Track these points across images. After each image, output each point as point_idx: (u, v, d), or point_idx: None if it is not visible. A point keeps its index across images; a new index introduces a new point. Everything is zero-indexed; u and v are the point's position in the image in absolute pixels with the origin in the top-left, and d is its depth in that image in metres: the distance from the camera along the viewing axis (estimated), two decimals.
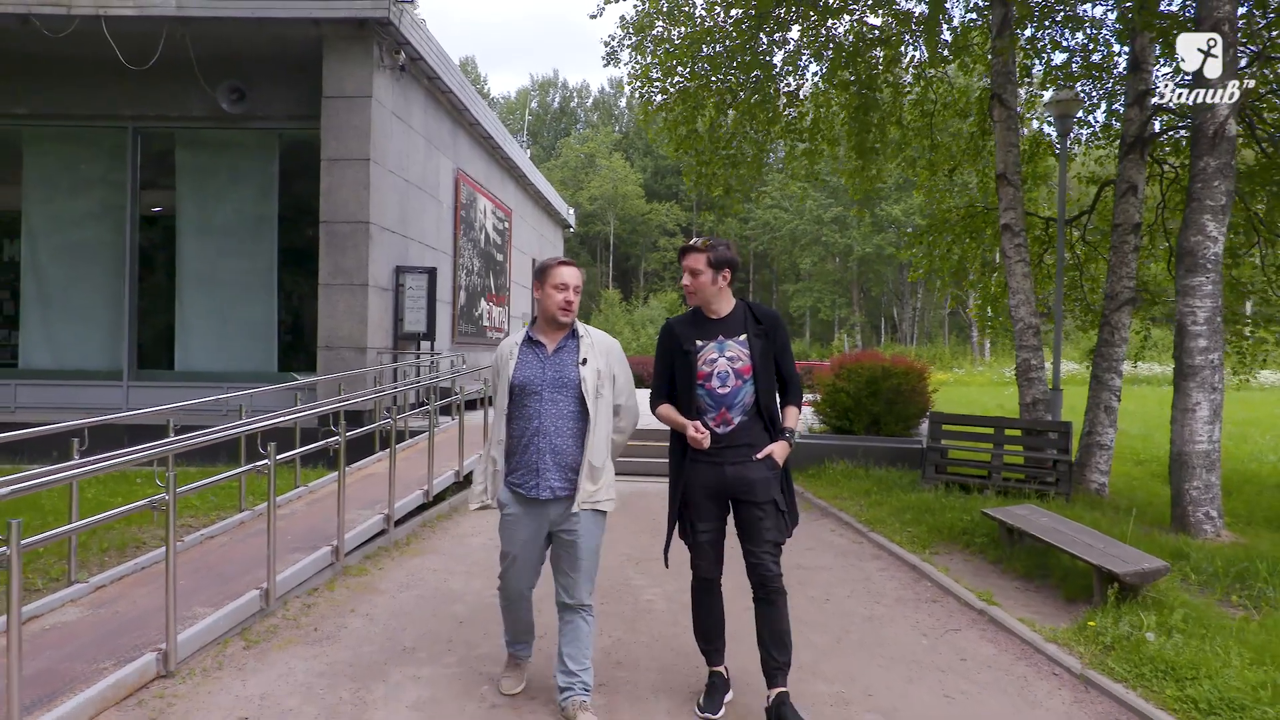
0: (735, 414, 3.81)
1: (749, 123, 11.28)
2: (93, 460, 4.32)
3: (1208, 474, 7.26)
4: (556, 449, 3.76)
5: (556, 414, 3.77)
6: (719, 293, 3.87)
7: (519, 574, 3.92)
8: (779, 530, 3.80)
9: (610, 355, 3.90)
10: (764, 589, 3.78)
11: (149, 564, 5.78)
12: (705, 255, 3.81)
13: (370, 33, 11.40)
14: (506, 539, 3.90)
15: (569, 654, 3.83)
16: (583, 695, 3.80)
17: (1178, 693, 4.00)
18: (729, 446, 3.80)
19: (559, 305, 3.78)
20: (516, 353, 3.86)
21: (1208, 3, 7.18)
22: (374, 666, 4.40)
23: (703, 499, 3.83)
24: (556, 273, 3.81)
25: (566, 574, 3.84)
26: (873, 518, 8.07)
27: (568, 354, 3.83)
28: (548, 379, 3.78)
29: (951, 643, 4.99)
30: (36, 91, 12.47)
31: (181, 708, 3.86)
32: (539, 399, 3.77)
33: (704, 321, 3.90)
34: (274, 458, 5.21)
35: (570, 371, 3.79)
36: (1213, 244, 7.19)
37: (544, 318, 3.87)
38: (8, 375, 12.91)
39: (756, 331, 3.84)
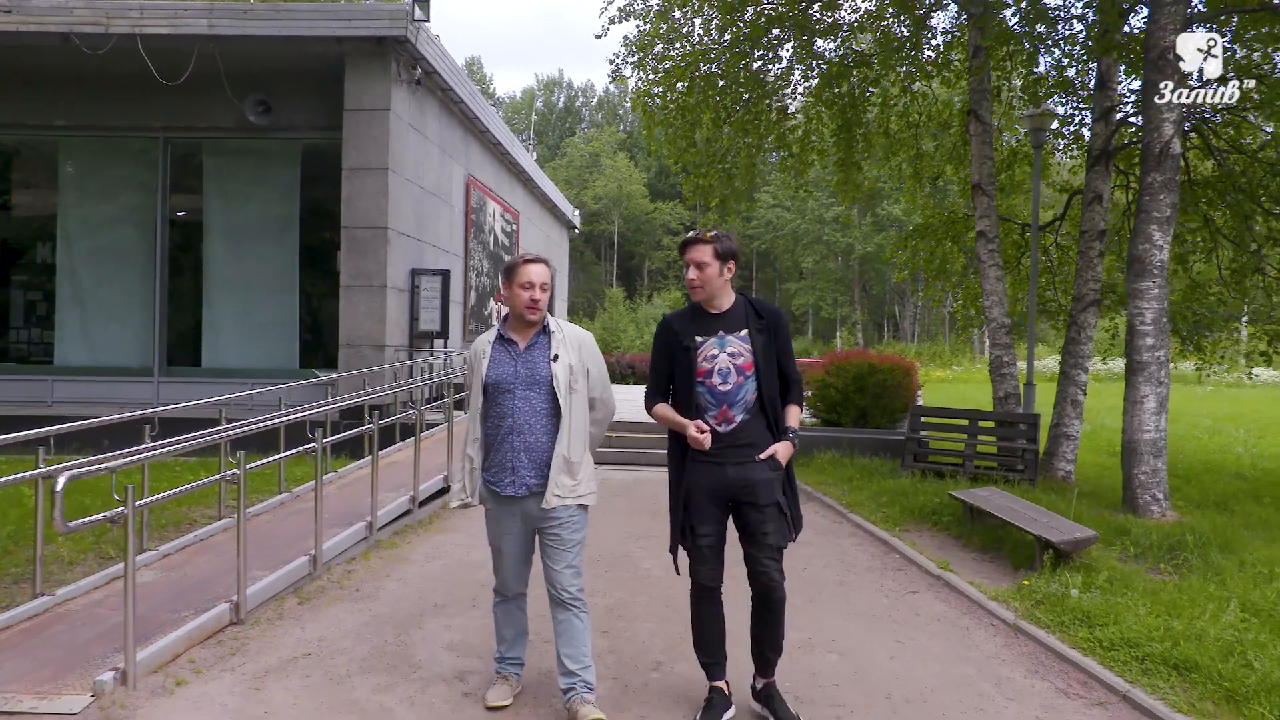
0: (737, 412, 3.69)
1: (742, 138, 12.03)
2: (175, 441, 5.11)
3: (1155, 460, 8.00)
4: (530, 446, 3.77)
5: (530, 411, 3.78)
6: (724, 285, 3.76)
7: (509, 568, 3.95)
8: (781, 534, 3.72)
9: (583, 349, 3.90)
10: (766, 599, 3.75)
11: (206, 536, 6.58)
12: (711, 246, 3.70)
13: (388, 49, 12.13)
14: (492, 534, 3.96)
15: (567, 654, 3.84)
16: (585, 693, 3.81)
17: (1088, 635, 4.77)
18: (731, 446, 3.69)
19: (525, 304, 3.78)
20: (489, 351, 3.87)
21: (1155, 33, 7.92)
22: (411, 618, 5.17)
23: (703, 501, 3.72)
24: (522, 271, 3.79)
25: (550, 568, 3.86)
26: (853, 501, 8.84)
27: (539, 350, 3.83)
28: (520, 376, 3.79)
29: (909, 602, 5.76)
30: (73, 104, 13.22)
31: (254, 646, 4.63)
32: (512, 397, 3.78)
33: (704, 316, 3.79)
34: (321, 442, 5.97)
35: (542, 368, 3.79)
36: (1159, 251, 7.93)
37: (514, 315, 3.88)
38: (44, 372, 13.65)
39: (758, 327, 3.73)
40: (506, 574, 3.98)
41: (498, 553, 3.97)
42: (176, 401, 9.23)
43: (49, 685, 4.00)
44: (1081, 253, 10.23)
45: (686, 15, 11.35)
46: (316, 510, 5.89)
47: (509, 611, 4.05)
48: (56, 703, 3.83)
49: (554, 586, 3.87)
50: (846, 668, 4.54)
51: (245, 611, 4.97)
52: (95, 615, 4.95)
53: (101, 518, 4.07)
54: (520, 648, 4.10)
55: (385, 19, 11.92)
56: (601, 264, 63.56)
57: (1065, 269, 12.35)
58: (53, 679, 4.07)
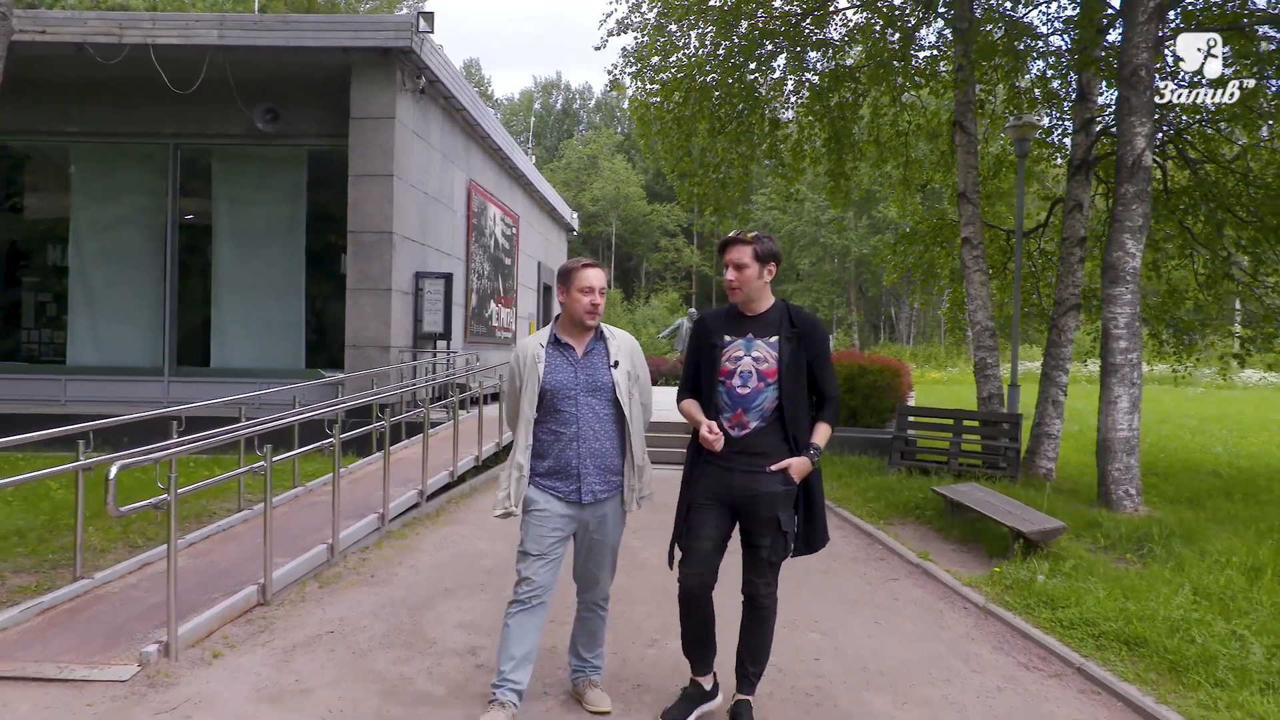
0: (751, 418, 3.61)
1: (736, 148, 12.44)
2: (206, 435, 5.50)
3: (1127, 457, 8.39)
4: (596, 452, 3.74)
5: (594, 418, 3.75)
6: (763, 288, 3.67)
7: (547, 572, 3.79)
8: (777, 551, 3.66)
9: (635, 355, 3.91)
10: (753, 603, 3.77)
11: (228, 527, 6.96)
12: (751, 247, 3.61)
13: (394, 60, 12.51)
14: (533, 539, 3.78)
15: (583, 643, 3.97)
16: (594, 675, 3.99)
17: (1051, 616, 5.17)
18: (742, 453, 3.61)
19: (586, 309, 3.74)
20: (544, 355, 3.78)
21: (1128, 50, 8.32)
22: (424, 600, 5.56)
23: (706, 504, 3.67)
24: (582, 275, 3.75)
25: (592, 572, 3.88)
26: (841, 496, 9.23)
27: (598, 356, 3.81)
28: (581, 383, 3.74)
29: (889, 589, 6.15)
30: (86, 111, 13.57)
31: (281, 625, 5.01)
32: (574, 403, 3.73)
33: (738, 317, 3.72)
34: (338, 437, 6.36)
35: (604, 375, 3.76)
36: (1131, 259, 8.33)
37: (570, 320, 3.81)
38: (57, 371, 14.00)
39: (789, 335, 3.62)
40: (543, 576, 3.78)
41: (537, 560, 3.77)
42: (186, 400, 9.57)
43: (98, 657, 4.38)
44: (1063, 259, 10.63)
45: (683, 29, 11.75)
46: (334, 501, 6.28)
47: (524, 626, 3.78)
48: (107, 671, 4.22)
49: (589, 589, 3.94)
50: (827, 644, 4.93)
51: (271, 594, 5.36)
52: (131, 597, 5.33)
53: (148, 504, 4.46)
54: (525, 671, 3.81)
55: (390, 30, 12.30)
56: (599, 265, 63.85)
57: (1049, 274, 12.75)
58: (100, 651, 4.45)
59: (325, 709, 3.94)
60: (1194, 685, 4.16)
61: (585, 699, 3.98)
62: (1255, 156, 10.93)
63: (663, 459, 11.74)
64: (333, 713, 3.90)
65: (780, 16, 11.58)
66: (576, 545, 3.90)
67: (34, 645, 4.54)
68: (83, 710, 3.87)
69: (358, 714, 3.90)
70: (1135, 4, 8.28)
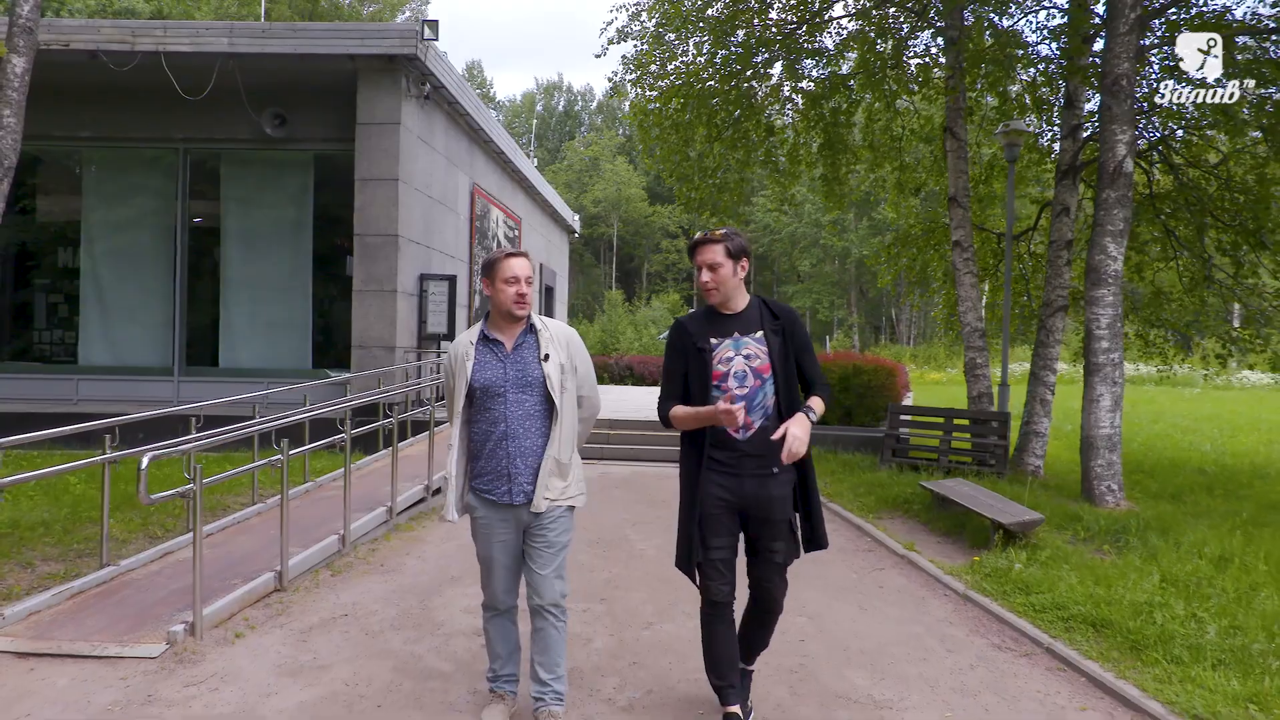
0: (756, 417, 3.51)
1: (732, 154, 12.75)
2: (225, 430, 5.80)
3: (1110, 454, 8.68)
4: (526, 451, 3.61)
5: (523, 415, 3.61)
6: (739, 285, 3.61)
7: (500, 578, 3.76)
8: (788, 554, 3.63)
9: (570, 346, 3.75)
10: (764, 607, 3.72)
11: (242, 519, 7.26)
12: (722, 245, 3.54)
13: (399, 66, 12.81)
14: (481, 545, 3.76)
15: (540, 662, 3.74)
16: (555, 705, 3.74)
17: (1025, 601, 5.46)
18: (748, 455, 3.51)
19: (513, 300, 3.61)
20: (473, 353, 3.66)
21: (1110, 61, 8.61)
22: (431, 587, 5.86)
23: (718, 513, 3.55)
24: (506, 265, 3.61)
25: (534, 571, 3.70)
26: (833, 491, 9.52)
27: (528, 350, 3.65)
28: (510, 378, 3.61)
29: (875, 578, 6.44)
30: (98, 117, 13.88)
31: (298, 608, 5.31)
32: (503, 400, 3.60)
33: (718, 318, 3.61)
34: (350, 434, 6.65)
35: (534, 369, 3.62)
36: (1113, 262, 8.62)
37: (498, 314, 3.68)
38: (69, 371, 14.30)
39: (773, 328, 3.56)
40: (497, 586, 3.78)
41: (488, 565, 3.77)
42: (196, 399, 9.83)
43: (128, 636, 4.68)
44: (1050, 261, 10.92)
45: (681, 37, 12.05)
46: (345, 494, 6.58)
47: (502, 627, 3.86)
48: (137, 649, 4.52)
49: (536, 593, 3.71)
50: (813, 628, 5.23)
51: (287, 580, 5.65)
52: (155, 582, 5.63)
53: (174, 493, 4.76)
54: (514, 664, 3.91)
55: (396, 38, 12.60)
56: (601, 266, 64.29)
57: (1039, 276, 13.04)
58: (129, 631, 4.75)
59: (342, 682, 4.24)
60: (1152, 662, 4.46)
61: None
62: (1239, 161, 11.20)
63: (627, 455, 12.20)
64: (349, 686, 4.20)
65: (775, 24, 11.88)
66: (524, 543, 3.74)
67: (67, 626, 4.84)
68: (116, 683, 4.16)
69: (372, 687, 4.19)
70: (1116, 16, 8.57)
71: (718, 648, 3.66)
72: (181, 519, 7.20)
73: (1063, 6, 11.18)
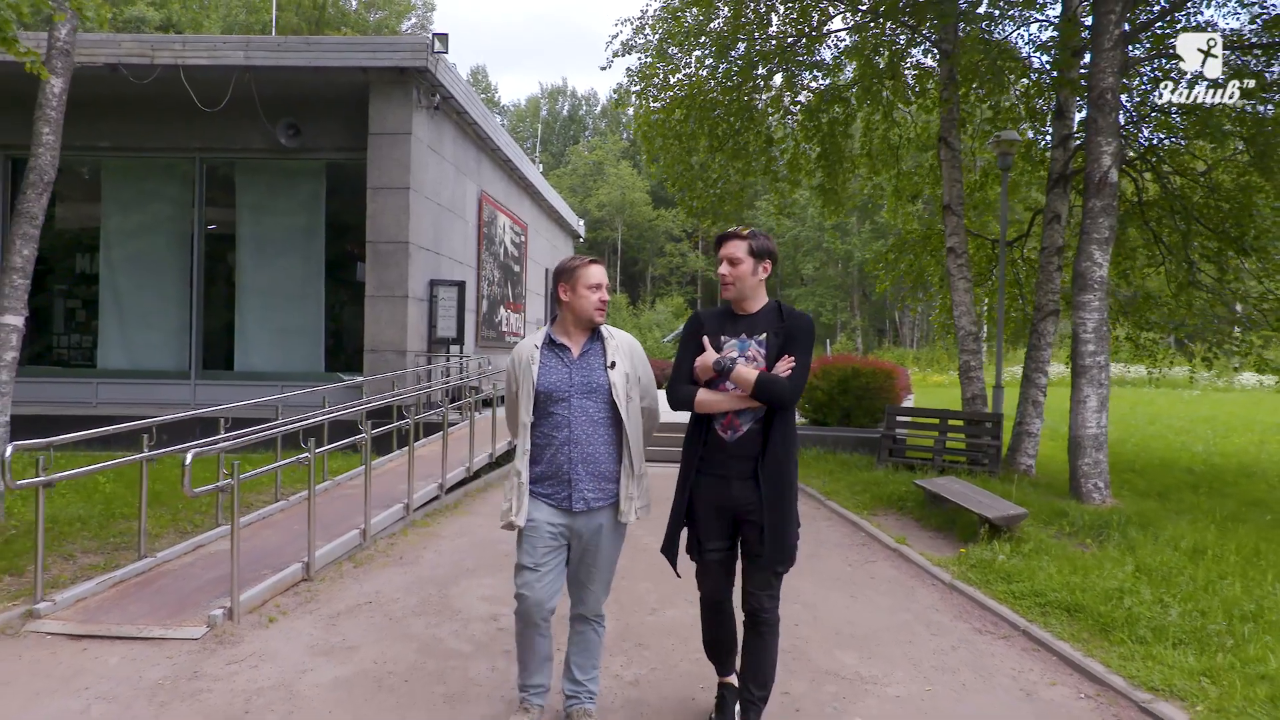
0: (745, 420, 3.52)
1: (733, 163, 13.14)
2: (253, 430, 6.17)
3: (1096, 453, 9.02)
4: (589, 457, 3.59)
5: (587, 421, 3.60)
6: (757, 285, 3.61)
7: (546, 588, 3.64)
8: (775, 558, 3.56)
9: (634, 356, 3.75)
10: (753, 619, 3.63)
11: (266, 515, 7.64)
12: (746, 243, 3.56)
13: (410, 78, 13.19)
14: (528, 551, 3.63)
15: (577, 663, 3.78)
16: (588, 704, 3.78)
17: (1006, 589, 5.82)
18: (735, 458, 3.54)
19: (595, 306, 3.62)
20: (538, 357, 3.65)
21: (1095, 75, 8.97)
22: (449, 577, 6.22)
23: (710, 515, 3.62)
24: (589, 273, 3.63)
25: (585, 585, 3.73)
26: (831, 490, 9.88)
27: (594, 357, 3.66)
28: (575, 384, 3.60)
29: (867, 569, 6.80)
30: (117, 127, 14.26)
31: (324, 596, 5.68)
32: (567, 405, 3.58)
33: (732, 317, 3.65)
34: (370, 434, 7.03)
35: (599, 376, 3.61)
36: (1098, 268, 8.97)
37: (575, 320, 3.67)
38: (88, 374, 14.69)
39: (777, 330, 3.54)
40: (540, 595, 3.64)
41: (532, 572, 3.63)
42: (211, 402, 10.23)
43: (170, 620, 5.05)
44: (1042, 267, 11.27)
45: (685, 49, 12.43)
46: (366, 490, 6.96)
47: (536, 639, 3.73)
48: (180, 631, 4.89)
49: (583, 604, 3.76)
50: (807, 614, 5.58)
51: (314, 570, 6.02)
52: (190, 573, 6.00)
53: (214, 487, 5.15)
54: (545, 674, 3.82)
55: (407, 51, 13.00)
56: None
57: (1033, 281, 13.38)
58: (171, 616, 5.12)
59: (371, 661, 4.60)
60: (1119, 641, 4.81)
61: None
62: (1226, 169, 11.54)
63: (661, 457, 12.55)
64: (378, 664, 4.56)
65: (775, 38, 12.26)
66: (571, 553, 3.72)
67: (112, 611, 5.21)
68: (163, 661, 4.53)
69: (399, 665, 4.56)
70: (1101, 32, 8.93)
71: (714, 631, 3.80)
72: (208, 515, 7.58)
73: (1053, 20, 11.53)
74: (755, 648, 3.64)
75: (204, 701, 4.07)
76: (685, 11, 12.05)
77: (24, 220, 7.18)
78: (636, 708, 4.12)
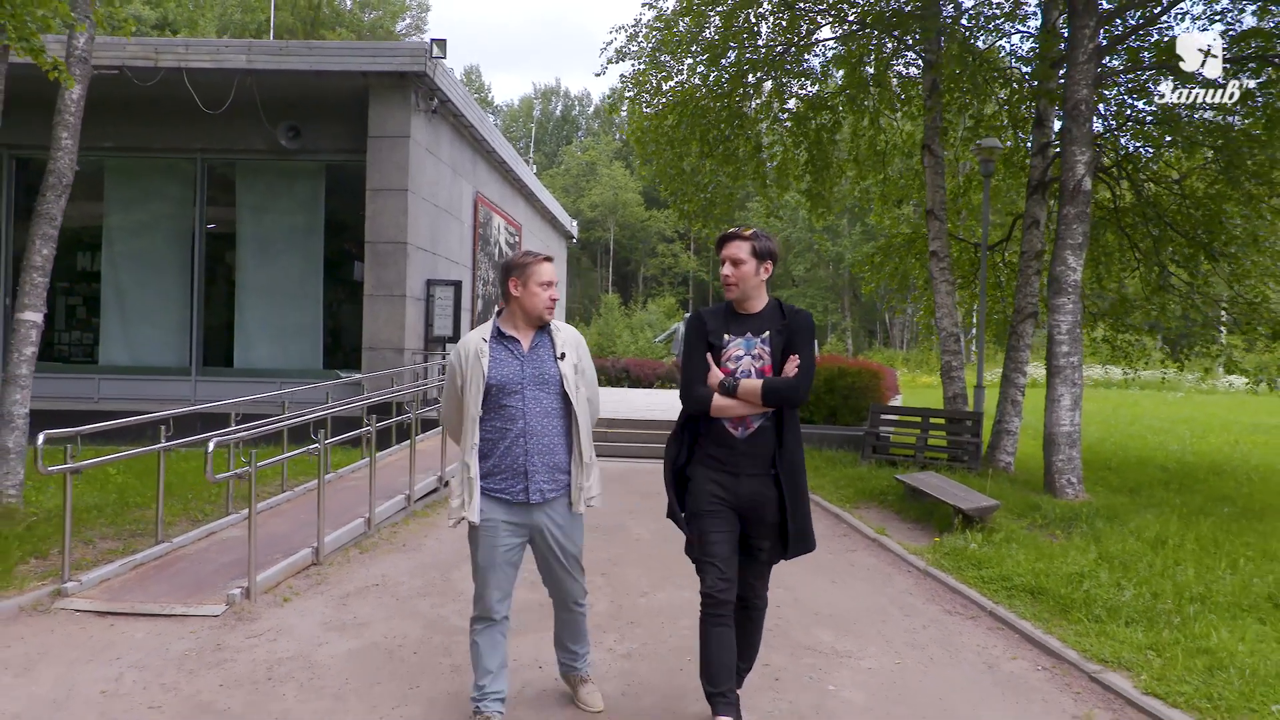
0: (754, 417, 3.55)
1: (724, 168, 13.51)
2: (269, 422, 6.49)
3: (1069, 449, 9.40)
4: (545, 449, 3.62)
5: (541, 412, 3.62)
6: (759, 286, 3.64)
7: (497, 586, 3.68)
8: (772, 552, 3.70)
9: (580, 348, 3.81)
10: (744, 604, 3.75)
11: (274, 505, 7.96)
12: (749, 243, 3.58)
13: (409, 83, 13.51)
14: (484, 550, 3.65)
15: (568, 638, 3.93)
16: (584, 668, 4.00)
17: (976, 574, 6.19)
18: (747, 455, 3.56)
19: (545, 305, 3.67)
20: (488, 350, 3.65)
21: (1070, 87, 9.35)
22: (450, 563, 6.56)
23: (715, 510, 3.61)
24: (541, 270, 3.65)
25: (559, 579, 3.79)
26: (815, 485, 10.21)
27: (544, 349, 3.70)
28: (528, 376, 3.63)
29: (848, 558, 7.17)
30: (121, 128, 14.50)
31: (334, 579, 6.02)
32: (520, 397, 3.60)
33: (734, 316, 3.67)
34: (374, 427, 7.36)
35: (550, 367, 3.65)
36: (1072, 272, 9.35)
37: (525, 315, 3.69)
38: (90, 371, 14.95)
39: (780, 328, 3.59)
40: (493, 595, 3.69)
41: (486, 572, 3.68)
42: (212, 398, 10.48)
43: (191, 599, 5.38)
44: (1021, 270, 11.65)
45: (678, 57, 12.79)
46: (371, 481, 7.30)
47: (493, 641, 3.74)
48: (200, 609, 5.22)
49: (560, 593, 3.84)
50: (788, 597, 5.93)
51: (323, 555, 6.36)
52: (205, 557, 6.34)
53: (233, 474, 5.49)
54: (503, 679, 3.78)
55: (406, 56, 13.32)
56: (597, 270, 65.03)
57: (1014, 284, 13.77)
58: (190, 595, 5.45)
59: (381, 636, 4.94)
60: (1076, 620, 5.19)
61: (579, 696, 4.03)
62: (1200, 177, 11.95)
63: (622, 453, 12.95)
64: (387, 638, 4.91)
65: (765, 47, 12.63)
66: (535, 552, 3.77)
67: (135, 591, 5.54)
68: (187, 636, 4.86)
69: (408, 639, 4.90)
70: (1076, 46, 9.31)
71: (714, 650, 3.60)
72: (217, 504, 7.90)
73: (1033, 31, 11.92)
74: (746, 629, 3.81)
75: (229, 670, 4.41)
76: (678, 21, 12.40)
77: (43, 221, 7.48)
78: (629, 677, 4.47)
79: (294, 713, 3.95)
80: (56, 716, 3.86)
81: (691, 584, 4.01)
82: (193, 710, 3.95)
